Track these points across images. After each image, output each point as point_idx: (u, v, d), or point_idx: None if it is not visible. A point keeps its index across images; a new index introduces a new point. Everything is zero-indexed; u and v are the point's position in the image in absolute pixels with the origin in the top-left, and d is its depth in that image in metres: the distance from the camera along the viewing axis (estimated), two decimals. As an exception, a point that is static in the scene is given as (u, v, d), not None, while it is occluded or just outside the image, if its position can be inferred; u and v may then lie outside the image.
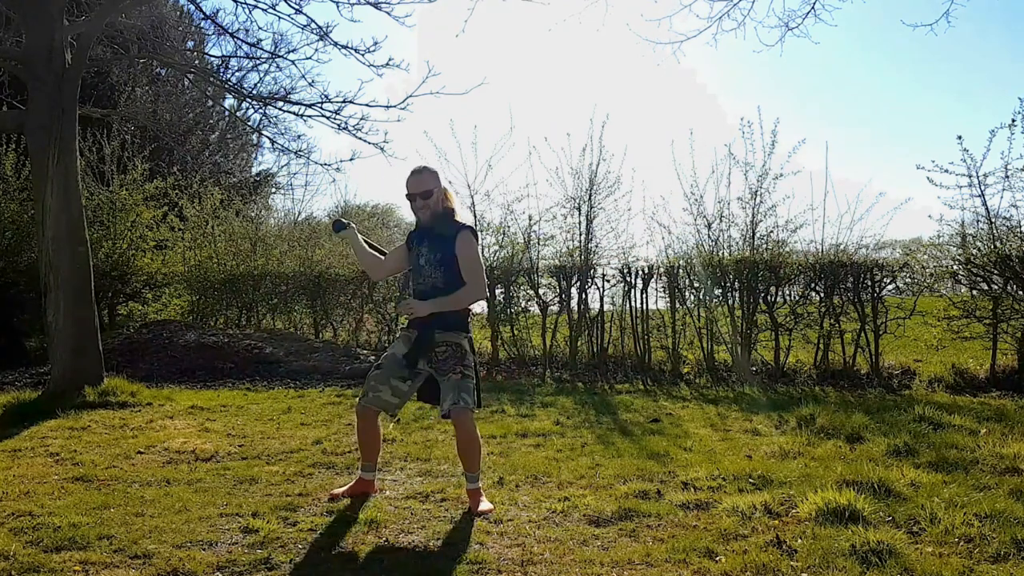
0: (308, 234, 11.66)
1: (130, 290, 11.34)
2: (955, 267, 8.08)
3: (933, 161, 8.01)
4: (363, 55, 7.98)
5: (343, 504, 3.73)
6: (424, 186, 3.72)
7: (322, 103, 8.54)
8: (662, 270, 8.80)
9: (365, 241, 4.08)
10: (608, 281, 9.02)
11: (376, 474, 3.99)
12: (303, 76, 11.97)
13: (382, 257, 4.06)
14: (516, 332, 9.21)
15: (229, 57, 10.74)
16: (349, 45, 7.95)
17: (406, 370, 3.73)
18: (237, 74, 14.82)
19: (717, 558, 2.95)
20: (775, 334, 8.31)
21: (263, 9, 8.17)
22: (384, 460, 4.65)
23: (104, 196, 10.87)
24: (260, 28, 27.52)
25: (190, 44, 14.62)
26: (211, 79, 10.68)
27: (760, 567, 2.83)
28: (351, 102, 8.46)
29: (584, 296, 9.02)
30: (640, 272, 8.82)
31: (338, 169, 9.62)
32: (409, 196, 3.76)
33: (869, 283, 8.16)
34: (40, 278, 7.09)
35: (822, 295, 8.35)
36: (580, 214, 9.17)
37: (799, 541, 3.08)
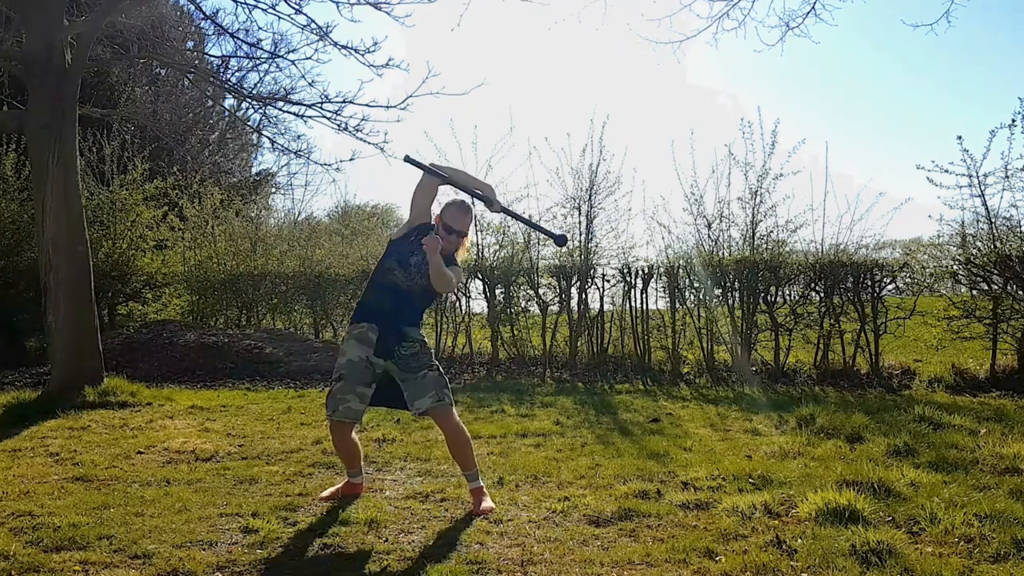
0: (308, 234, 11.66)
1: (130, 290, 11.31)
2: (955, 267, 8.08)
3: (933, 161, 8.01)
4: (363, 55, 7.99)
5: (343, 504, 3.73)
6: (468, 227, 3.86)
7: (322, 103, 8.54)
8: (662, 270, 8.80)
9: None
10: (608, 281, 9.03)
11: (363, 476, 3.99)
12: (303, 76, 11.98)
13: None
14: (516, 332, 9.21)
15: (229, 57, 10.75)
16: (349, 45, 7.96)
17: (368, 374, 3.66)
18: (237, 74, 14.82)
19: (717, 558, 2.96)
20: (775, 334, 8.31)
21: (263, 9, 8.18)
22: (384, 460, 4.65)
23: (104, 196, 10.86)
24: (260, 28, 27.46)
25: (190, 44, 14.63)
26: (211, 79, 10.67)
27: (760, 567, 2.83)
28: (351, 102, 8.46)
29: (584, 296, 9.01)
30: (640, 272, 8.82)
31: (338, 169, 9.65)
32: (449, 229, 3.73)
33: (869, 283, 8.16)
34: (40, 278, 7.08)
35: (822, 295, 8.34)
36: (580, 214, 9.17)
37: (799, 541, 3.08)
